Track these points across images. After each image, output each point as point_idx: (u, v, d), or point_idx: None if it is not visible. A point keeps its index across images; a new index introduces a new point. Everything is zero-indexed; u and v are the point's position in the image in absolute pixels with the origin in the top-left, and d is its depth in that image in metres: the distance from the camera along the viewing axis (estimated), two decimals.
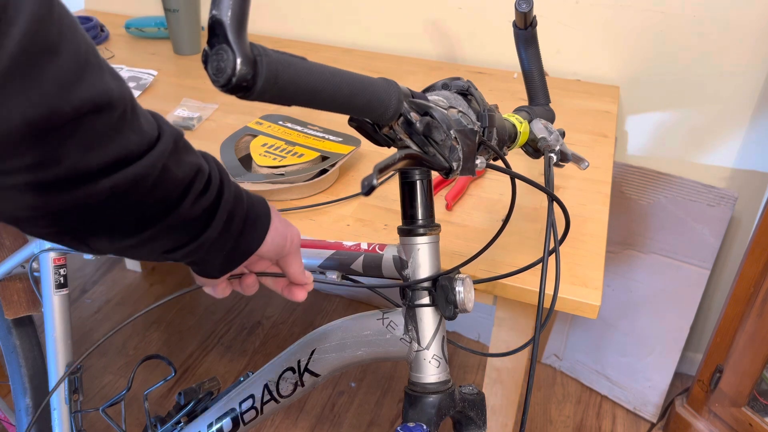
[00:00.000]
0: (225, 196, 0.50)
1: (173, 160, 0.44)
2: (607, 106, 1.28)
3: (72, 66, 0.35)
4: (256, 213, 0.54)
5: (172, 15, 1.43)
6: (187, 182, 0.46)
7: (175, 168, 0.44)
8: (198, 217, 0.48)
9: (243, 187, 0.56)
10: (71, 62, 0.35)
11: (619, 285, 1.53)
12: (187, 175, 0.46)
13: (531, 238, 0.87)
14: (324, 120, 1.10)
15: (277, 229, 0.56)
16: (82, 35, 0.37)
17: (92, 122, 0.37)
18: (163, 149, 0.42)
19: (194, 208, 0.47)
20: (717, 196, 1.37)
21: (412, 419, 0.60)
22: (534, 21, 0.70)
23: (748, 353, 1.28)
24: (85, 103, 0.36)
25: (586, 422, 1.60)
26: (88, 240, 0.44)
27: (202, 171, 0.48)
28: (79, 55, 0.36)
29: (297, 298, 0.61)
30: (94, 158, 0.37)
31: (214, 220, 0.50)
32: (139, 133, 0.40)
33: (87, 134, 0.36)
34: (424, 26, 1.48)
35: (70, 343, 0.96)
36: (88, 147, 0.37)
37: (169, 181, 0.44)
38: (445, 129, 0.51)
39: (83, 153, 0.37)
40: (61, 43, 0.34)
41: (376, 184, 0.42)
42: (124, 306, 1.92)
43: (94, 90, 0.36)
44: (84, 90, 0.36)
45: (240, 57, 0.37)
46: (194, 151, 0.49)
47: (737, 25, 1.24)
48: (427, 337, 0.62)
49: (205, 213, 0.49)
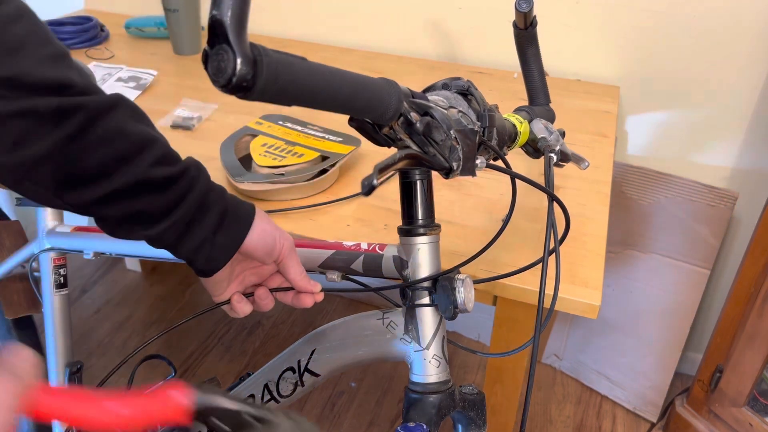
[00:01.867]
0: (199, 184, 0.54)
1: (125, 116, 0.50)
2: (607, 106, 1.28)
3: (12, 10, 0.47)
4: (237, 213, 0.57)
5: (172, 15, 1.43)
6: (139, 142, 0.51)
7: (128, 125, 0.51)
8: (162, 185, 0.52)
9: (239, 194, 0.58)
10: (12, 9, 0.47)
11: (619, 285, 1.53)
12: (141, 137, 0.51)
13: (531, 238, 0.87)
14: (324, 120, 1.10)
15: (265, 229, 0.59)
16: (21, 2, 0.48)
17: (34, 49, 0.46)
18: (107, 98, 0.49)
19: (154, 171, 0.51)
20: (717, 196, 1.36)
21: (412, 419, 0.60)
22: (534, 21, 0.70)
23: (748, 353, 1.28)
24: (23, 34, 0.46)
25: (586, 422, 1.60)
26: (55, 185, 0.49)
27: (160, 143, 0.53)
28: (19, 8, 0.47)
29: (304, 304, 0.63)
30: (42, 73, 0.46)
31: (184, 202, 0.53)
32: (84, 79, 0.49)
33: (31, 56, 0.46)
34: (424, 26, 1.48)
35: (70, 343, 0.96)
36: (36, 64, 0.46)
37: (117, 130, 0.50)
38: (445, 129, 0.51)
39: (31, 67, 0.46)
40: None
41: (376, 184, 0.42)
42: (124, 306, 1.92)
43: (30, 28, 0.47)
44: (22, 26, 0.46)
45: (240, 57, 0.37)
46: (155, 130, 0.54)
47: (737, 25, 1.24)
48: (427, 337, 0.62)
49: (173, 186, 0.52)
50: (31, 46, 0.46)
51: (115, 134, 0.49)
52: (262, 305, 0.64)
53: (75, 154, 0.48)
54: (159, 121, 1.17)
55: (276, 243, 0.59)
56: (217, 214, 0.55)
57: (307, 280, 0.62)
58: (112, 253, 0.86)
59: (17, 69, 0.45)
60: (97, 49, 1.49)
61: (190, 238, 0.55)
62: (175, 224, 0.53)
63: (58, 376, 0.95)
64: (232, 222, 0.56)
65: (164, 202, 0.52)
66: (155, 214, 0.53)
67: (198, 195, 0.54)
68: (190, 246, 0.55)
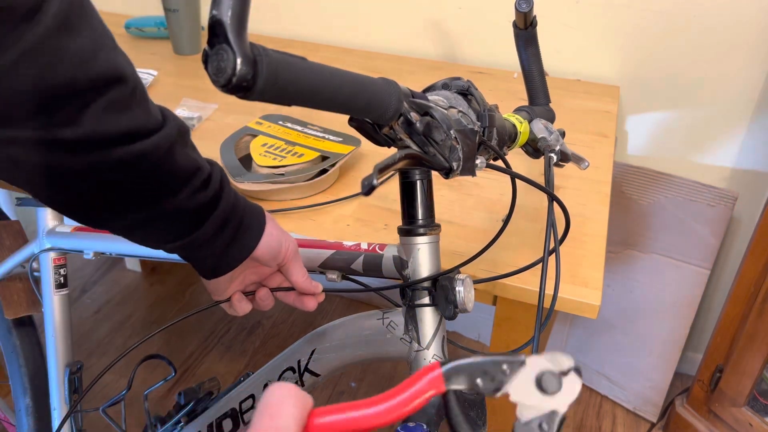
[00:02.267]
0: (222, 203, 0.54)
1: (177, 148, 0.49)
2: (607, 106, 1.28)
3: (89, 45, 0.41)
4: (249, 222, 0.57)
5: (172, 15, 1.43)
6: (187, 174, 0.50)
7: (178, 157, 0.49)
8: (193, 212, 0.52)
9: (241, 194, 0.59)
10: (88, 41, 0.41)
11: (619, 285, 1.53)
12: (188, 168, 0.50)
13: (531, 238, 0.87)
14: (324, 120, 1.10)
15: (272, 234, 0.59)
16: (99, 21, 0.43)
17: (107, 93, 0.42)
18: (168, 133, 0.47)
19: (190, 201, 0.51)
20: (717, 196, 1.36)
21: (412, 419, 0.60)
22: (534, 21, 0.70)
23: (748, 353, 1.28)
24: (99, 75, 0.42)
25: (586, 422, 1.60)
26: (96, 212, 0.49)
27: (202, 170, 0.52)
28: (95, 37, 0.42)
29: (307, 308, 0.63)
30: (108, 126, 0.43)
31: (208, 221, 0.53)
32: (147, 114, 0.46)
33: (102, 103, 0.42)
34: (424, 26, 1.48)
35: (70, 343, 0.96)
36: (104, 115, 0.42)
37: (170, 167, 0.48)
38: (446, 129, 0.51)
39: (99, 120, 0.42)
40: (81, 24, 0.41)
41: (376, 184, 0.42)
42: (124, 306, 1.92)
43: (106, 65, 0.42)
44: (99, 65, 0.42)
45: (240, 57, 0.37)
46: (197, 151, 0.53)
47: (737, 25, 1.24)
48: (427, 337, 0.62)
49: (201, 210, 0.52)
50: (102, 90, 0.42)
51: (168, 171, 0.48)
52: (263, 305, 0.64)
53: (124, 193, 0.47)
54: None
55: (282, 248, 0.60)
56: (233, 227, 0.56)
57: (309, 282, 0.63)
58: (112, 253, 0.86)
59: (84, 128, 0.42)
60: None
61: (204, 250, 0.55)
62: (195, 240, 0.54)
63: (58, 376, 0.95)
64: (245, 233, 0.57)
65: (189, 224, 0.53)
66: (178, 233, 0.53)
67: (220, 213, 0.54)
68: (202, 255, 0.56)
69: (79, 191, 0.46)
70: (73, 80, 0.40)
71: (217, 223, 0.54)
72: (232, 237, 0.56)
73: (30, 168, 0.43)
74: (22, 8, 0.37)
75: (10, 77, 0.38)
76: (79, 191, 0.46)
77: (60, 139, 0.41)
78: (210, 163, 0.55)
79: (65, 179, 0.44)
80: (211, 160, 0.55)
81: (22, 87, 0.39)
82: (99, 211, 0.49)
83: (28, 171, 0.43)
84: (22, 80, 0.39)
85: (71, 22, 0.40)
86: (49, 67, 0.39)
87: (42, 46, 0.38)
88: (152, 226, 0.51)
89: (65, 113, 0.41)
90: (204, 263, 0.57)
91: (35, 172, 0.43)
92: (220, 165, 0.56)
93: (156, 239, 0.54)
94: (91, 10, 0.43)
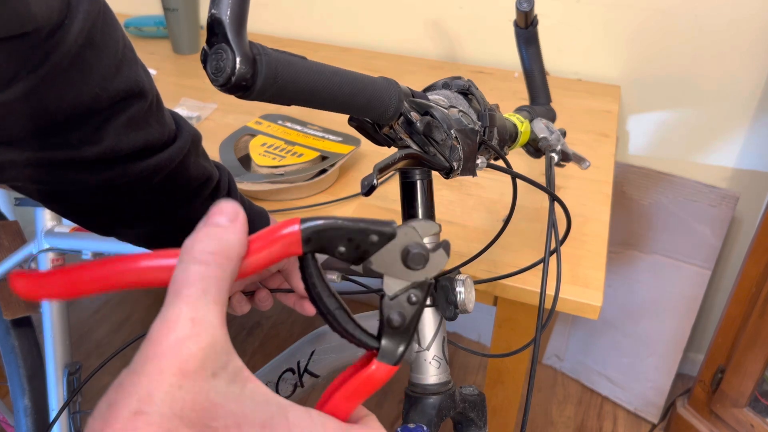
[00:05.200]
0: None
1: (190, 159, 0.48)
2: (609, 105, 1.28)
3: (112, 60, 0.40)
4: (254, 227, 0.57)
5: (171, 14, 1.42)
6: (198, 184, 0.50)
7: (191, 167, 0.48)
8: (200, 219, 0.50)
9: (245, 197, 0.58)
10: (111, 57, 0.40)
11: (620, 285, 1.53)
12: (200, 178, 0.50)
13: (532, 239, 0.87)
14: (324, 120, 1.09)
15: None
16: (121, 32, 0.42)
17: (127, 109, 0.42)
18: (181, 145, 0.47)
19: (201, 210, 0.50)
20: (718, 197, 1.36)
21: (412, 420, 0.60)
22: (535, 20, 0.70)
23: (750, 354, 1.28)
24: (120, 92, 0.41)
25: (587, 423, 1.59)
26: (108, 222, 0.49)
27: (212, 178, 0.52)
28: (117, 51, 0.41)
29: (307, 312, 0.63)
30: (128, 142, 0.42)
31: None
32: (162, 126, 0.45)
33: (123, 119, 0.42)
34: (425, 26, 1.47)
35: (68, 344, 0.96)
36: (123, 131, 0.42)
37: (183, 178, 0.48)
38: (446, 128, 0.51)
39: (118, 137, 0.42)
40: (104, 39, 0.40)
41: (376, 184, 0.42)
42: (124, 306, 1.92)
43: (128, 81, 0.41)
44: (120, 81, 0.41)
45: (239, 56, 0.37)
46: (208, 159, 0.52)
47: (738, 25, 1.24)
48: (427, 337, 0.61)
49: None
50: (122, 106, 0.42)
51: (181, 183, 0.48)
52: (262, 306, 0.64)
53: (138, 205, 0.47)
54: None
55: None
56: None
57: None
58: (111, 253, 0.86)
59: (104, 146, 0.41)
60: None
61: None
62: None
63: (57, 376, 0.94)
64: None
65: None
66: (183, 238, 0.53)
67: None
68: None
69: (93, 203, 0.46)
70: (96, 98, 0.39)
71: None
72: None
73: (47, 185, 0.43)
74: (45, 28, 0.36)
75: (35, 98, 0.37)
76: (93, 203, 0.46)
77: (82, 158, 0.41)
78: (218, 168, 0.54)
79: (81, 194, 0.44)
80: (220, 165, 0.55)
81: (47, 107, 0.38)
82: (111, 221, 0.49)
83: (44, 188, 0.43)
84: (45, 102, 0.37)
85: (94, 38, 0.39)
86: (74, 86, 0.38)
87: (66, 65, 0.37)
88: (162, 236, 0.51)
89: (86, 131, 0.40)
90: None
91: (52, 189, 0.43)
92: (227, 169, 0.55)
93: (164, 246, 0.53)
94: (114, 22, 0.42)
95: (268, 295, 0.64)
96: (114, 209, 0.47)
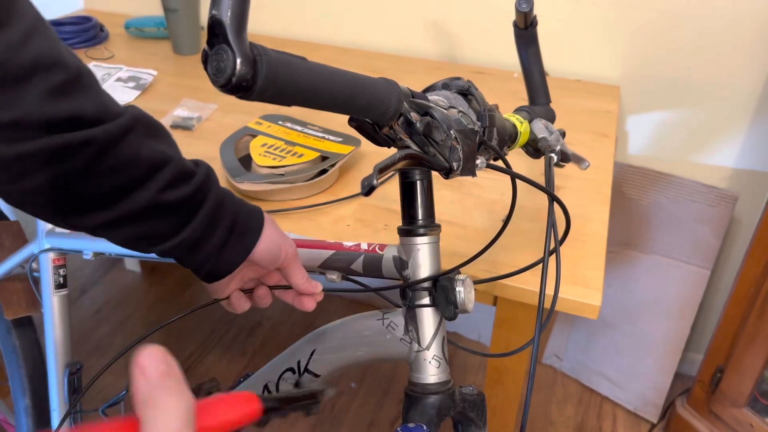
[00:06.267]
0: (209, 201, 0.53)
1: (133, 137, 0.47)
2: (608, 105, 1.28)
3: (19, 34, 0.42)
4: (245, 225, 0.56)
5: (171, 15, 1.43)
6: (151, 165, 0.49)
7: (140, 147, 0.48)
8: (173, 208, 0.51)
9: (239, 197, 0.57)
10: (19, 32, 0.42)
11: (619, 285, 1.53)
12: (154, 160, 0.49)
13: (531, 239, 0.87)
14: (324, 120, 1.10)
15: (271, 238, 0.58)
16: (32, 13, 0.44)
17: (47, 79, 0.43)
18: (120, 123, 0.47)
19: (165, 195, 0.50)
20: (717, 196, 1.36)
21: (412, 420, 0.60)
22: (534, 21, 0.70)
23: (749, 354, 1.28)
24: (29, 61, 0.42)
25: (586, 423, 1.59)
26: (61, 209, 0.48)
27: (174, 162, 0.50)
28: (27, 27, 0.43)
29: (306, 308, 0.63)
30: (51, 110, 0.43)
31: (195, 219, 0.52)
32: (96, 103, 0.46)
33: (42, 87, 0.42)
34: (424, 26, 1.48)
35: (69, 343, 0.96)
36: (43, 99, 0.43)
37: (128, 157, 0.47)
38: (446, 129, 0.51)
39: (39, 103, 0.42)
40: (11, 16, 0.42)
41: (376, 184, 0.42)
42: (124, 306, 1.92)
43: (39, 51, 0.43)
44: (29, 51, 0.42)
45: (240, 57, 0.37)
46: (171, 144, 0.52)
47: (737, 25, 1.24)
48: (427, 337, 0.62)
49: (184, 207, 0.51)
50: (38, 75, 0.43)
51: (127, 162, 0.47)
52: (261, 303, 0.64)
53: (80, 185, 0.46)
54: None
55: (281, 251, 0.59)
56: (226, 228, 0.55)
57: (309, 283, 0.62)
58: (112, 254, 0.86)
59: (21, 111, 0.42)
60: (97, 49, 1.48)
61: (197, 253, 0.54)
62: (184, 242, 0.52)
63: (58, 376, 0.95)
64: (240, 235, 0.56)
65: (174, 222, 0.51)
66: (164, 234, 0.52)
67: (208, 211, 0.53)
68: (197, 260, 0.55)
69: (36, 184, 0.45)
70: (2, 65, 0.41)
71: (204, 223, 0.53)
72: (225, 239, 0.55)
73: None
74: None
75: None
76: (36, 184, 0.45)
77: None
78: (196, 162, 0.53)
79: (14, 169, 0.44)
80: (199, 161, 0.54)
81: None
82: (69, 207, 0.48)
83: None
84: None
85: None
86: None
87: None
88: (129, 225, 0.50)
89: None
90: (200, 267, 0.56)
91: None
92: (208, 165, 0.54)
93: (140, 241, 0.52)
94: (22, 3, 0.43)
95: (267, 293, 0.64)
96: (65, 190, 0.46)
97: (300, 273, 0.62)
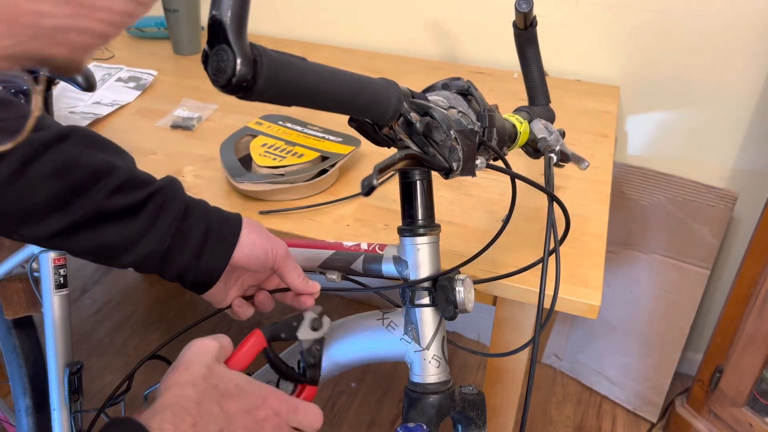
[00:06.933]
0: (171, 210, 0.52)
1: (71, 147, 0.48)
2: (607, 106, 1.28)
3: None
4: (221, 232, 0.56)
5: (172, 15, 1.43)
6: (95, 172, 0.49)
7: (76, 154, 0.49)
8: (123, 214, 0.51)
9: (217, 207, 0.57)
10: None
11: (619, 285, 1.53)
12: (96, 167, 0.50)
13: (531, 238, 0.87)
14: (324, 120, 1.10)
15: (255, 242, 0.57)
16: None
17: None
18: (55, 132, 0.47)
19: (112, 201, 0.50)
20: (717, 196, 1.36)
21: (412, 419, 0.60)
22: (534, 21, 0.70)
23: (748, 353, 1.28)
24: None
25: (586, 422, 1.60)
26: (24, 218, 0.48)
27: (122, 170, 0.51)
28: None
29: (305, 306, 0.63)
30: None
31: (156, 228, 0.52)
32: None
33: None
34: (424, 26, 1.48)
35: (70, 343, 0.96)
36: None
37: (65, 163, 0.48)
38: (445, 129, 0.51)
39: None
40: None
41: (376, 184, 0.42)
42: (124, 306, 1.92)
43: None
44: None
45: (240, 57, 0.37)
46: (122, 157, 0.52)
47: (737, 25, 1.24)
48: (427, 337, 0.62)
49: (138, 214, 0.51)
50: None
51: (66, 166, 0.48)
52: (263, 308, 0.64)
53: (22, 189, 0.47)
54: (159, 122, 1.17)
55: (268, 255, 0.58)
56: (198, 237, 0.54)
57: (306, 283, 0.63)
58: None
59: None
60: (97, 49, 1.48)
61: (171, 265, 0.54)
62: (152, 253, 0.52)
63: (58, 376, 0.95)
64: (215, 243, 0.55)
65: (130, 231, 0.51)
66: (122, 244, 0.52)
67: (171, 221, 0.53)
68: (174, 271, 0.55)
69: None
70: None
71: (168, 232, 0.52)
72: (199, 248, 0.54)
73: None
74: None
75: None
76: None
77: None
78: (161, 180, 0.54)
79: None
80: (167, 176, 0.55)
81: None
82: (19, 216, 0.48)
83: None
84: None
85: None
86: None
87: None
88: (83, 233, 0.50)
89: None
90: (181, 278, 0.56)
91: None
92: (174, 177, 0.55)
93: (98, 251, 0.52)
94: None
95: (268, 297, 0.64)
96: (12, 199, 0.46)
97: (295, 273, 0.62)
